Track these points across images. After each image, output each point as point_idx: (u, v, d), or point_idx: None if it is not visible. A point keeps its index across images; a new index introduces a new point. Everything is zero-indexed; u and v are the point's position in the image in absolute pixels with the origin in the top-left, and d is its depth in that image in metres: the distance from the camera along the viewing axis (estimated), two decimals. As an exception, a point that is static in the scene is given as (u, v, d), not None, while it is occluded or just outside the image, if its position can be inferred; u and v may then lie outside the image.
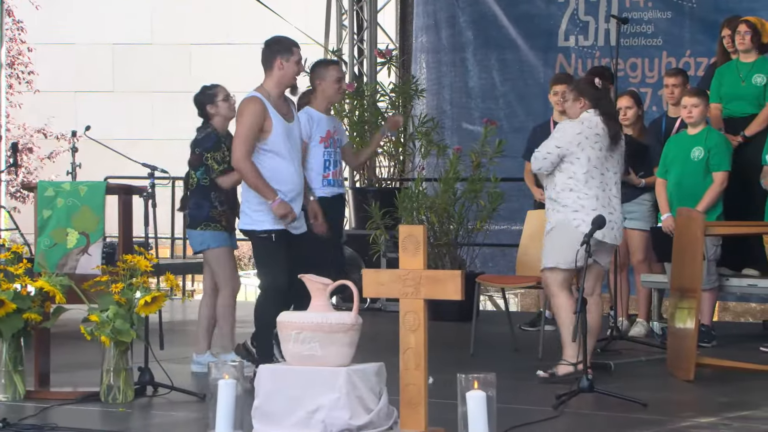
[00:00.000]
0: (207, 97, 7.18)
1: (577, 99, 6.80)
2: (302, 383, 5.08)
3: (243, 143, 6.46)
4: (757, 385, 6.44)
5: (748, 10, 8.93)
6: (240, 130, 6.48)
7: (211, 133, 7.08)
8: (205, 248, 7.03)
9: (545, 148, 6.74)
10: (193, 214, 7.07)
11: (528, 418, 5.64)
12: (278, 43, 6.67)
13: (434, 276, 5.06)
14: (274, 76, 6.57)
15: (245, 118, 6.48)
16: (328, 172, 7.23)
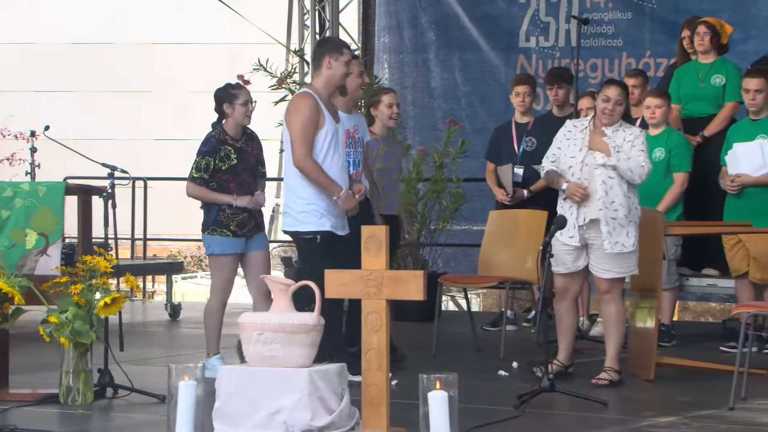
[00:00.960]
0: (227, 96, 7.06)
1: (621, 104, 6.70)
2: (263, 384, 5.06)
3: (303, 141, 6.34)
4: (717, 385, 6.48)
5: (708, 12, 9.00)
6: (297, 128, 6.35)
7: (212, 137, 6.96)
8: (210, 253, 6.93)
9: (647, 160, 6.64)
10: (204, 217, 6.99)
11: (490, 418, 5.65)
12: (328, 43, 6.67)
13: (396, 276, 5.06)
14: (323, 75, 6.50)
15: (301, 113, 6.36)
16: (349, 172, 7.00)
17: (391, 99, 7.46)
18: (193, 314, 10.27)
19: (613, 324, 6.69)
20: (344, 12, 11.36)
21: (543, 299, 6.15)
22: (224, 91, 7.07)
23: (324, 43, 6.68)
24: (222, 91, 7.08)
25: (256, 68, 10.10)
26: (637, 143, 6.65)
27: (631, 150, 6.62)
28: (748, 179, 7.64)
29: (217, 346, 7.02)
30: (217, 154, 6.88)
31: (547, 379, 6.06)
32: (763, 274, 7.66)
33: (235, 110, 6.97)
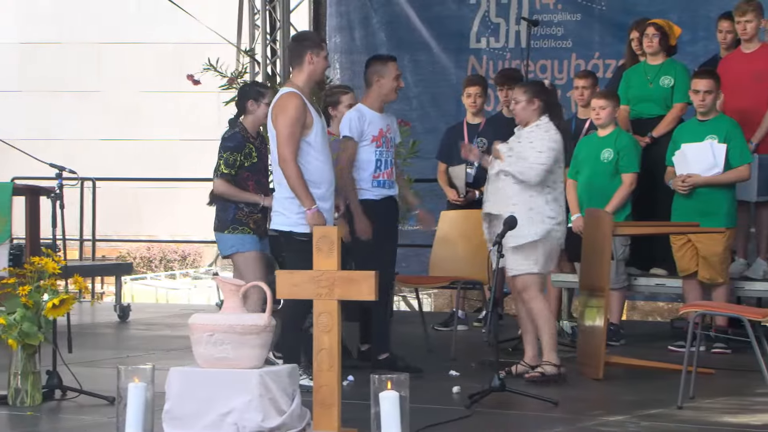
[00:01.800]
0: (254, 93, 6.99)
1: (530, 101, 6.78)
2: (214, 386, 5.04)
3: (290, 141, 6.24)
4: (666, 384, 6.54)
5: (656, 13, 9.07)
6: (284, 128, 6.26)
7: (238, 133, 6.91)
8: (234, 252, 6.85)
9: (545, 158, 6.64)
10: (220, 216, 6.93)
11: (441, 418, 5.66)
12: (308, 39, 6.61)
13: (348, 277, 5.06)
14: (305, 71, 6.42)
15: (289, 113, 6.27)
16: (379, 172, 6.96)
17: (351, 99, 7.41)
18: (142, 316, 10.21)
19: (539, 320, 6.72)
20: (295, 12, 11.33)
21: (493, 299, 6.17)
22: (251, 88, 7.08)
23: (304, 39, 6.58)
24: (249, 88, 7.09)
25: (206, 68, 10.06)
26: (535, 142, 6.70)
27: (527, 150, 6.67)
28: (699, 179, 7.72)
29: None
30: (243, 151, 6.81)
31: (498, 379, 6.09)
32: (711, 273, 7.74)
33: (259, 108, 6.90)
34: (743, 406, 6.18)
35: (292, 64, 6.55)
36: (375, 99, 7.03)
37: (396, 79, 7.03)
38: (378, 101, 7.03)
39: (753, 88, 8.04)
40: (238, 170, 6.85)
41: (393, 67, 7.05)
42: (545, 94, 6.86)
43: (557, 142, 6.75)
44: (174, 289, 16.85)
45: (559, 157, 6.76)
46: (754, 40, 8.13)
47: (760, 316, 6.12)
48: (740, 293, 8.19)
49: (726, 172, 7.70)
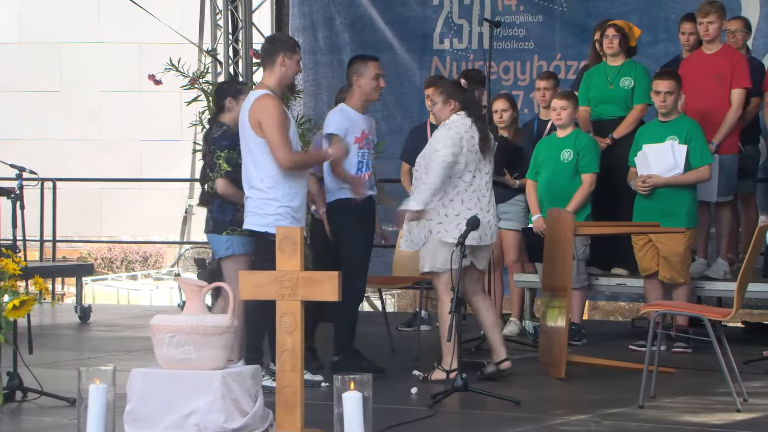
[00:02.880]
0: (233, 90, 6.94)
1: (446, 102, 6.79)
2: (176, 387, 5.02)
3: (285, 145, 6.27)
4: (626, 383, 6.58)
5: (617, 15, 9.12)
6: (275, 132, 6.25)
7: (228, 131, 6.84)
8: (231, 254, 6.77)
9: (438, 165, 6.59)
10: (217, 218, 6.81)
11: (404, 418, 5.67)
12: (281, 41, 6.62)
13: (311, 277, 5.05)
14: (276, 72, 6.43)
15: (276, 116, 6.27)
16: (361, 173, 6.97)
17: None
18: (103, 317, 10.15)
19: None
20: (257, 12, 11.30)
21: (456, 299, 6.18)
22: (230, 85, 7.04)
23: (277, 41, 6.59)
24: (228, 85, 7.04)
25: (168, 68, 10.01)
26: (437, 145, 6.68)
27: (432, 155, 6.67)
28: (659, 180, 7.77)
29: None
30: (237, 149, 6.70)
31: (461, 378, 6.10)
32: (671, 273, 7.80)
33: (239, 105, 6.79)
34: (704, 405, 6.22)
35: (264, 65, 6.55)
36: (357, 99, 7.03)
37: (376, 79, 7.02)
38: (360, 102, 7.04)
39: (714, 89, 8.11)
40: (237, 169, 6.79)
41: (373, 67, 7.04)
42: (462, 94, 6.83)
43: (458, 135, 6.65)
44: (135, 290, 16.77)
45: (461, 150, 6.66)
46: (715, 42, 8.20)
47: (720, 315, 6.17)
48: (701, 293, 8.26)
49: (686, 172, 7.76)
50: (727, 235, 8.31)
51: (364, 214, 6.97)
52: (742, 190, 8.33)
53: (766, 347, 7.50)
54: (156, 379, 5.08)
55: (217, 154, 6.83)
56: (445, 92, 6.82)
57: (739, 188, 8.32)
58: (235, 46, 10.89)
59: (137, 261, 19.22)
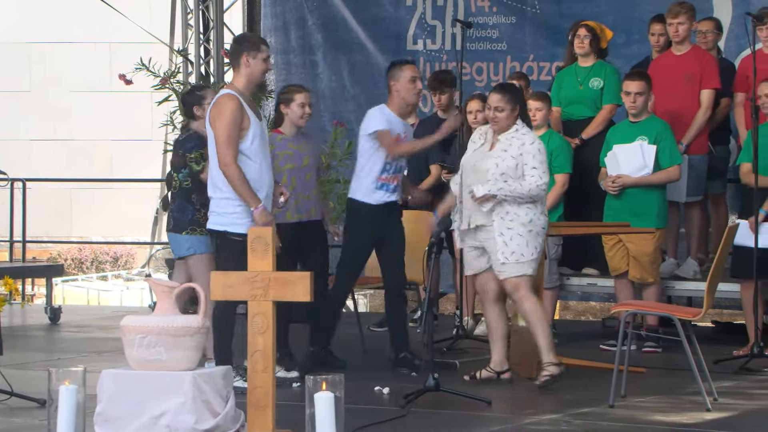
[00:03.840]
0: (195, 98, 6.97)
1: (514, 109, 6.69)
2: (147, 388, 5.00)
3: (229, 145, 6.25)
4: (597, 383, 6.61)
5: (591, 16, 9.12)
6: (222, 131, 6.25)
7: (193, 134, 6.88)
8: (191, 253, 6.78)
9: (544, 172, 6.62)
10: (177, 217, 6.86)
11: (376, 418, 5.67)
12: (245, 40, 6.62)
13: (283, 278, 5.04)
14: (242, 73, 6.43)
15: (226, 116, 6.27)
16: (386, 175, 7.02)
17: (304, 98, 7.29)
18: (73, 318, 10.10)
19: (531, 320, 6.65)
20: (229, 12, 11.27)
21: (428, 299, 6.19)
22: (191, 95, 7.08)
23: (242, 41, 6.60)
24: (189, 96, 7.10)
25: (139, 68, 9.97)
26: (528, 161, 6.61)
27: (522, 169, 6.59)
28: (628, 180, 7.81)
29: None
30: (205, 151, 6.71)
31: (433, 378, 6.11)
32: (641, 273, 7.83)
33: (205, 110, 6.80)
34: (674, 404, 6.25)
35: (232, 66, 6.57)
36: (396, 103, 7.10)
37: (412, 81, 7.06)
38: (398, 106, 7.09)
39: (683, 90, 8.15)
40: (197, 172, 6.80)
41: (409, 70, 7.08)
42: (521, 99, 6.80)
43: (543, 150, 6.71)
44: (106, 291, 16.69)
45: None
46: (685, 43, 8.24)
47: (690, 315, 6.21)
48: (671, 293, 8.30)
49: (656, 173, 7.80)
50: (696, 235, 8.36)
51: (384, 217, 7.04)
52: (712, 190, 8.39)
53: (735, 347, 7.55)
54: (126, 380, 5.06)
55: (189, 156, 6.84)
56: (513, 99, 6.69)
57: (709, 188, 8.37)
58: (206, 46, 10.86)
59: (108, 262, 19.13)
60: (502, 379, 6.73)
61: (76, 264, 18.74)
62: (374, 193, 7.06)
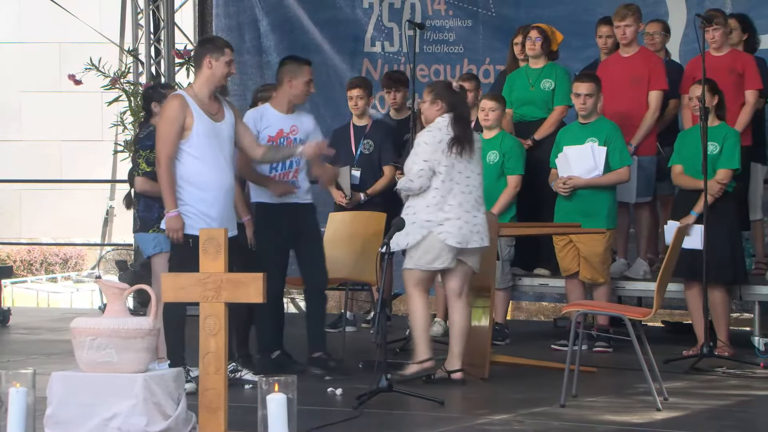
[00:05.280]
0: (157, 95, 6.95)
1: (434, 102, 6.78)
2: (97, 390, 4.96)
3: (165, 143, 6.32)
4: (548, 382, 6.65)
5: (548, 21, 9.10)
6: (161, 130, 6.35)
7: (153, 132, 6.79)
8: (159, 251, 6.75)
9: (417, 166, 6.64)
10: (144, 216, 6.82)
11: (328, 419, 5.66)
12: (210, 42, 6.64)
13: (236, 279, 5.02)
14: (203, 74, 6.46)
15: (165, 115, 6.36)
16: (274, 173, 6.97)
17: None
18: (23, 320, 10.00)
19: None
20: (180, 12, 11.21)
21: (381, 300, 6.19)
22: (153, 90, 7.06)
23: (205, 43, 6.65)
24: (152, 91, 7.04)
25: (88, 68, 9.90)
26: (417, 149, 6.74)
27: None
28: (579, 181, 7.86)
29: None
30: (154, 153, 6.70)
31: (385, 379, 6.11)
32: (592, 273, 7.89)
33: None
34: (625, 404, 6.30)
35: (195, 68, 6.61)
36: (282, 99, 7.05)
37: (307, 84, 7.06)
38: (286, 102, 7.06)
39: (631, 92, 8.22)
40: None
41: (307, 72, 7.09)
42: (451, 96, 6.81)
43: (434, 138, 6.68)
44: (56, 293, 16.54)
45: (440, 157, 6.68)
46: (632, 45, 8.31)
47: (640, 315, 6.26)
48: (621, 293, 8.37)
49: (606, 174, 7.86)
50: (646, 236, 8.43)
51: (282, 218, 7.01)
52: (661, 191, 8.46)
53: (685, 347, 7.63)
54: (77, 383, 5.02)
55: (139, 153, 6.81)
56: (435, 92, 6.81)
57: (658, 189, 8.45)
58: (156, 46, 10.80)
59: (57, 263, 18.95)
60: (455, 378, 6.73)
61: (25, 266, 18.55)
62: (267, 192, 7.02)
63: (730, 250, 7.53)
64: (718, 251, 7.42)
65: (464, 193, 6.69)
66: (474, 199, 6.72)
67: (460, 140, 6.68)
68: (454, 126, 6.70)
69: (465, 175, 6.71)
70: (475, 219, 6.69)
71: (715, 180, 7.48)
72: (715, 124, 7.52)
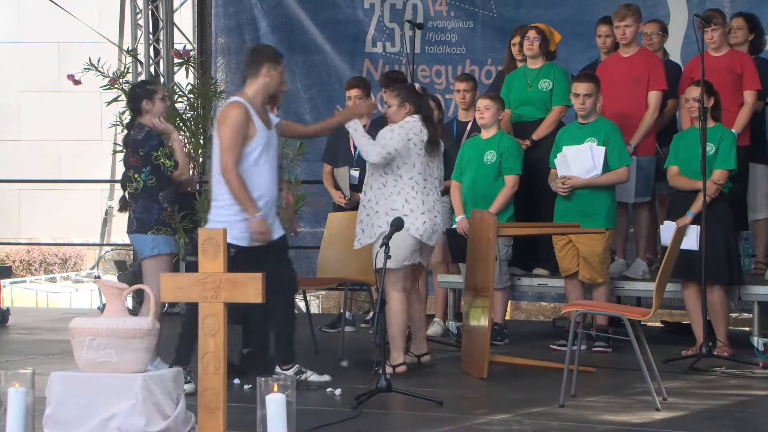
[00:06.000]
0: (146, 92, 6.89)
1: (402, 105, 7.04)
2: (96, 390, 4.97)
3: (232, 151, 6.32)
4: (547, 382, 6.65)
5: (550, 22, 9.14)
6: (226, 137, 6.34)
7: (151, 131, 6.80)
8: (156, 253, 6.69)
9: (387, 146, 6.90)
10: (143, 217, 6.74)
11: (327, 420, 5.67)
12: (266, 52, 6.70)
13: (234, 279, 5.03)
14: (259, 83, 6.51)
15: (230, 122, 6.36)
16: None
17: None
18: (22, 320, 10.00)
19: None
20: (178, 12, 11.22)
21: (380, 300, 6.20)
22: (141, 88, 6.99)
23: (263, 52, 6.69)
24: (140, 88, 6.99)
25: (87, 68, 9.89)
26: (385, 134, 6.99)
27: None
28: (578, 181, 7.87)
29: None
30: (163, 149, 6.70)
31: (384, 379, 6.12)
32: (591, 273, 7.89)
33: (155, 105, 6.81)
34: (624, 404, 6.30)
35: (246, 75, 6.62)
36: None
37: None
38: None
39: (631, 92, 8.23)
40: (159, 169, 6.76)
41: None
42: (416, 98, 7.08)
43: (412, 131, 6.94)
44: (55, 293, 16.56)
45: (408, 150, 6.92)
46: (632, 45, 8.32)
47: (639, 315, 6.26)
48: (620, 293, 8.37)
49: (605, 174, 7.87)
50: (645, 236, 8.44)
51: None
52: (660, 191, 8.47)
53: (684, 347, 7.63)
54: (76, 383, 5.03)
55: (154, 155, 6.77)
56: (401, 95, 7.05)
57: (657, 189, 8.46)
58: (156, 46, 10.80)
59: (56, 263, 18.96)
60: (424, 361, 7.03)
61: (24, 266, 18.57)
62: None
63: (726, 251, 7.53)
64: (713, 252, 7.42)
65: (430, 192, 6.98)
66: (434, 200, 7.02)
67: (432, 141, 7.02)
68: (426, 127, 7.00)
69: (435, 177, 7.04)
70: (435, 219, 7.00)
71: (711, 180, 7.48)
72: (711, 125, 7.53)
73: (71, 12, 11.08)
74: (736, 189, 7.88)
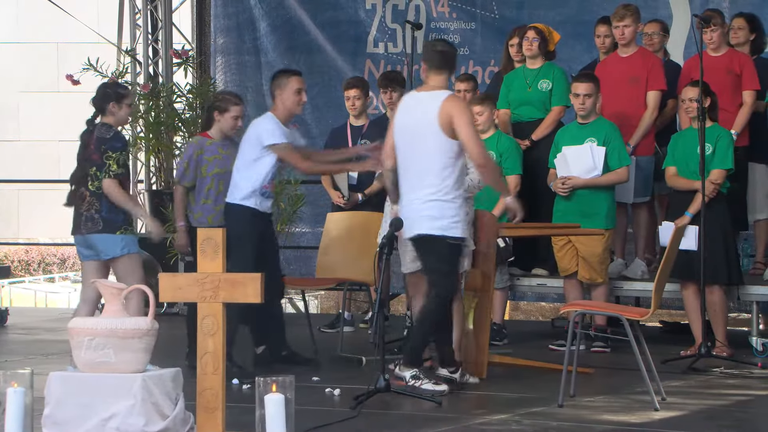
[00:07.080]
0: (116, 95, 6.90)
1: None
2: (95, 390, 4.97)
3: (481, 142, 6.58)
4: (547, 383, 6.65)
5: (551, 23, 9.13)
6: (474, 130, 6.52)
7: (120, 133, 6.84)
8: (126, 253, 6.72)
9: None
10: (110, 218, 6.73)
11: (326, 420, 5.67)
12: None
13: (233, 279, 5.03)
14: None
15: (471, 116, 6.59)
16: (267, 183, 7.09)
17: (239, 112, 7.35)
18: (21, 320, 10.00)
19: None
20: (177, 12, 11.21)
21: (379, 300, 6.19)
22: (113, 90, 6.97)
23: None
24: (110, 89, 6.98)
25: (86, 68, 9.90)
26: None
27: None
28: (578, 181, 7.87)
29: None
30: (129, 151, 6.75)
31: (383, 379, 6.12)
32: (590, 273, 7.89)
33: (121, 110, 6.85)
34: (623, 404, 6.30)
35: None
36: (281, 111, 7.17)
37: (297, 93, 7.15)
38: (283, 115, 7.17)
39: (630, 92, 8.23)
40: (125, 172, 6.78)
41: (295, 82, 7.16)
42: None
43: None
44: (53, 293, 16.55)
45: None
46: (631, 45, 8.32)
47: (638, 315, 6.26)
48: (619, 293, 8.37)
49: (605, 174, 7.87)
50: (644, 236, 8.44)
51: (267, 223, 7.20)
52: (659, 190, 8.47)
53: (683, 347, 7.63)
54: (75, 383, 5.02)
55: (108, 154, 6.75)
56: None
57: (656, 189, 8.46)
58: (154, 46, 10.80)
59: (55, 263, 18.95)
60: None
61: (23, 266, 18.56)
62: (256, 198, 7.06)
63: (724, 251, 7.53)
64: (712, 252, 7.42)
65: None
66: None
67: None
68: None
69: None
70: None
71: (709, 180, 7.48)
72: (708, 125, 7.53)
73: (70, 12, 11.07)
74: (735, 189, 7.88)
